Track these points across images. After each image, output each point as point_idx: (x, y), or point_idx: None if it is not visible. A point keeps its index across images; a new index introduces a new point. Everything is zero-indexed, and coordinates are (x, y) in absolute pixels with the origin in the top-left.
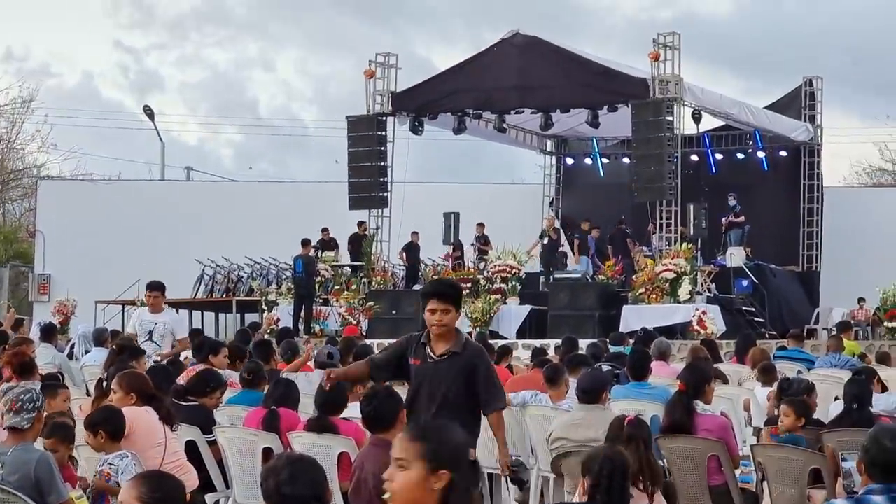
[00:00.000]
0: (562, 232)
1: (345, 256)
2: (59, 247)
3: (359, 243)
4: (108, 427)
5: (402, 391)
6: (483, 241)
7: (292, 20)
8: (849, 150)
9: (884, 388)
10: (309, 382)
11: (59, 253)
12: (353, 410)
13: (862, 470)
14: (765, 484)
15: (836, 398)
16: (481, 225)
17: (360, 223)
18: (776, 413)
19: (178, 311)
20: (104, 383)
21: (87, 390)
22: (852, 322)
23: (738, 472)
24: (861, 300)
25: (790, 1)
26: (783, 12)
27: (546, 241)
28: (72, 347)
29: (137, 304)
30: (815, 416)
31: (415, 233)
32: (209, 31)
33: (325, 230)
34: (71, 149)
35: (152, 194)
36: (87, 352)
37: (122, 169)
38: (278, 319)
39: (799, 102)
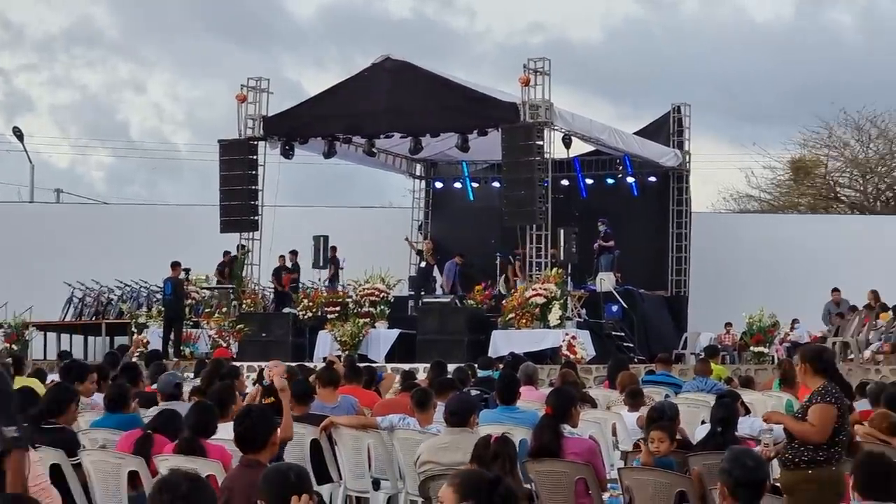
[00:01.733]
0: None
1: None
2: None
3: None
4: None
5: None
6: (336, 265)
7: (163, 43)
8: (718, 176)
9: (746, 411)
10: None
11: None
12: (226, 431)
13: (726, 494)
14: None
15: (703, 421)
16: (333, 248)
17: (241, 247)
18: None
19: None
20: None
21: None
22: (719, 346)
23: (605, 495)
24: (728, 325)
25: (660, 29)
26: (654, 40)
27: (423, 265)
28: None
29: (3, 326)
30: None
31: (281, 256)
32: (79, 52)
33: (227, 253)
34: None
35: (21, 216)
36: None
37: None
38: (148, 342)
39: (668, 129)
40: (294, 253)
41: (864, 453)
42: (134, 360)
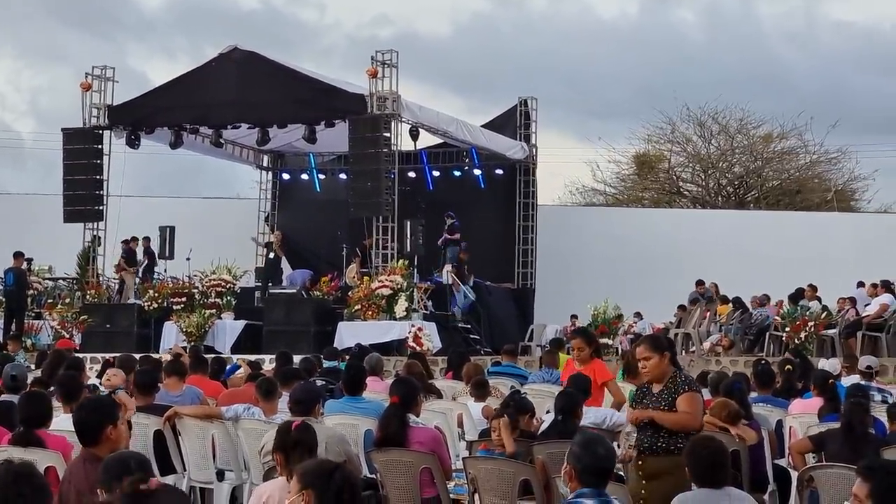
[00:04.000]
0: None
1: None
2: None
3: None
4: None
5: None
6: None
7: (5, 29)
8: (564, 169)
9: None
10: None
11: None
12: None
13: (572, 476)
14: (476, 496)
15: (548, 411)
16: (147, 239)
17: (95, 238)
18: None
19: None
20: None
21: None
22: (565, 338)
23: (451, 484)
24: (574, 317)
25: (508, 24)
26: (501, 34)
27: (272, 255)
28: None
29: None
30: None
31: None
32: None
33: (134, 240)
34: None
35: None
36: None
37: None
38: None
39: (514, 122)
40: (132, 241)
41: (691, 441)
42: None
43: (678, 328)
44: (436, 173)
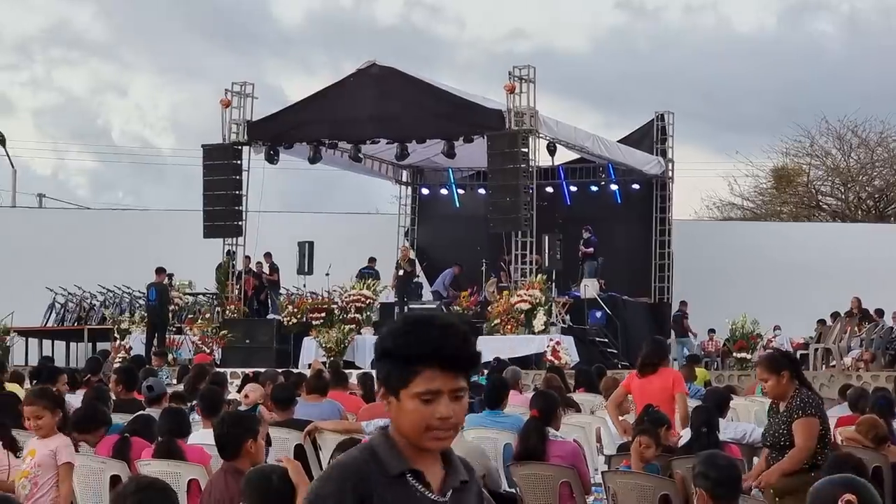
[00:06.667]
0: (417, 262)
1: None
2: None
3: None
4: None
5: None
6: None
7: (146, 45)
8: (701, 184)
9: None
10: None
11: None
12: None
13: (705, 498)
14: None
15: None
16: (268, 255)
17: (228, 253)
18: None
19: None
20: None
21: None
22: (703, 353)
23: (590, 498)
24: (711, 331)
25: (644, 39)
26: (638, 50)
27: (402, 272)
28: None
29: None
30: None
31: (258, 262)
32: (58, 54)
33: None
34: None
35: (3, 221)
36: None
37: None
38: (130, 348)
39: (651, 137)
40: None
41: (832, 458)
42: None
43: (818, 343)
44: (573, 188)
